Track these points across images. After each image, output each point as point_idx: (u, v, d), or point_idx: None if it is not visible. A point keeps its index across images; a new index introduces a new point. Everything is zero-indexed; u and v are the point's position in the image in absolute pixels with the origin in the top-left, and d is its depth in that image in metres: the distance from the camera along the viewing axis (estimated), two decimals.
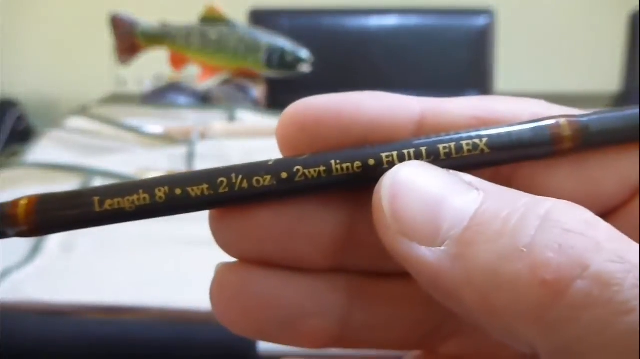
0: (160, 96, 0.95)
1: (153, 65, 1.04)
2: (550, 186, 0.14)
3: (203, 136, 0.77)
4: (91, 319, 0.47)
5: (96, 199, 0.14)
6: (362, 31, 1.30)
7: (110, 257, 0.54)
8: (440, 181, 0.12)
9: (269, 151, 0.63)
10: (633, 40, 1.30)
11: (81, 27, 1.83)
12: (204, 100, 0.95)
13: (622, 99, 1.23)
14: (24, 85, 1.89)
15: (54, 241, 0.55)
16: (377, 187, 0.13)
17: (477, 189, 0.12)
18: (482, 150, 0.13)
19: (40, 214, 0.14)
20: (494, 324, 0.11)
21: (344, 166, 0.13)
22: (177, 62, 0.97)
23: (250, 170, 0.14)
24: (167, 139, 0.78)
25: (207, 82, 0.99)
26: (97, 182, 0.65)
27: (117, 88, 1.51)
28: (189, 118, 0.85)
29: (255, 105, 0.94)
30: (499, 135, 0.13)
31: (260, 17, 1.25)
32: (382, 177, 0.13)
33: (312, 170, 0.13)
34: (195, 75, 1.00)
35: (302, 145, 0.14)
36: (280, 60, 0.94)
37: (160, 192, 0.13)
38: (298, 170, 0.13)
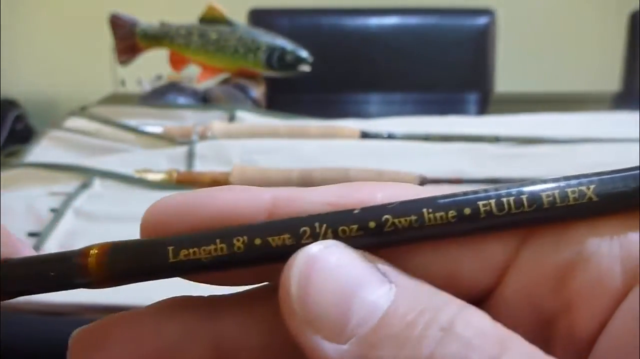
0: (160, 96, 0.95)
1: (153, 65, 1.04)
2: (414, 268, 0.13)
3: (203, 136, 0.76)
4: (91, 319, 0.47)
5: (170, 248, 0.13)
6: (362, 31, 1.30)
7: None
8: (355, 267, 0.12)
9: (269, 151, 0.64)
10: (633, 40, 1.30)
11: (81, 27, 1.83)
12: (204, 100, 0.95)
13: (622, 99, 1.23)
14: (24, 85, 1.89)
15: (54, 241, 0.55)
16: (287, 266, 0.12)
17: (391, 281, 0.12)
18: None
19: (111, 265, 0.13)
20: None
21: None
22: (177, 62, 0.97)
23: (336, 219, 0.13)
24: (167, 139, 0.77)
25: (207, 82, 0.99)
26: (97, 182, 0.65)
27: (117, 88, 1.51)
28: (189, 118, 0.85)
29: (255, 105, 0.94)
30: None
31: (260, 17, 1.25)
32: (294, 254, 0.12)
33: (402, 219, 0.12)
34: (195, 75, 1.00)
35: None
36: (280, 60, 0.94)
37: (239, 242, 0.13)
38: (387, 219, 0.13)
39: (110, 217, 0.59)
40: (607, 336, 0.12)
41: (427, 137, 0.74)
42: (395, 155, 0.71)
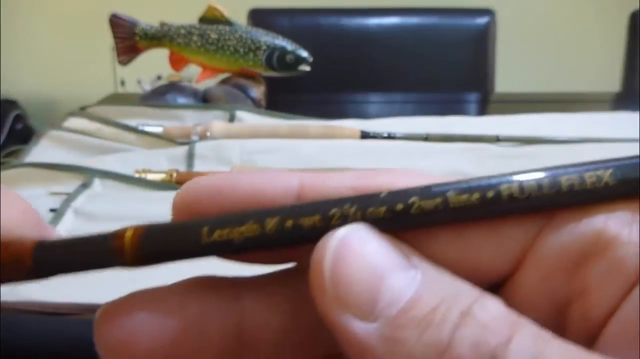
0: (160, 96, 0.95)
1: (153, 65, 1.04)
2: (435, 252, 0.13)
3: (203, 136, 0.76)
4: (91, 319, 0.47)
5: (205, 229, 0.13)
6: (362, 31, 1.30)
7: None
8: (385, 252, 0.13)
9: (269, 151, 0.64)
10: (633, 41, 1.30)
11: (81, 27, 1.83)
12: (204, 100, 0.95)
13: (622, 99, 1.23)
14: (24, 85, 1.89)
15: None
16: (319, 246, 0.13)
17: (416, 267, 0.12)
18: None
19: (146, 246, 0.13)
20: None
21: (463, 197, 0.13)
22: (177, 62, 0.97)
23: (364, 201, 0.13)
24: (167, 139, 0.77)
25: (206, 82, 0.99)
26: (97, 182, 0.65)
27: (117, 88, 1.50)
28: (189, 118, 0.85)
29: (255, 105, 0.94)
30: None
31: (260, 17, 1.25)
32: (326, 236, 0.13)
33: (429, 201, 0.13)
34: (195, 75, 1.00)
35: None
36: (280, 60, 0.94)
37: (271, 223, 0.13)
38: (414, 202, 0.13)
39: (110, 217, 0.58)
40: (616, 321, 0.12)
41: (427, 137, 0.74)
42: (395, 155, 0.71)
